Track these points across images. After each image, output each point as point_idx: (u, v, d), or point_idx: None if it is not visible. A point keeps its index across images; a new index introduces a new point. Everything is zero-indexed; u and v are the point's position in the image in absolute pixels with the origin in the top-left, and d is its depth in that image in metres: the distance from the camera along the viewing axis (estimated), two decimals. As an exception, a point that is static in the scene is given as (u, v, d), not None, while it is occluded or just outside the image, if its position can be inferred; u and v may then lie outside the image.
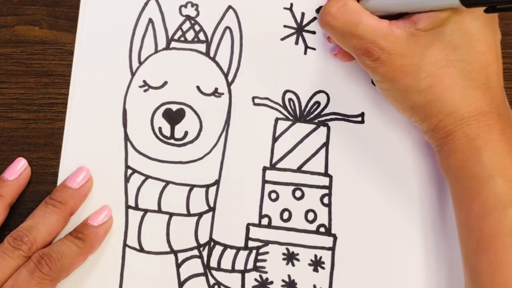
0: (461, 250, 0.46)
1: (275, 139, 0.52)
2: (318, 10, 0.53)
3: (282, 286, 0.50)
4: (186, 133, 0.52)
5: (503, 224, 0.43)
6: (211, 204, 0.51)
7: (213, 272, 0.50)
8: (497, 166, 0.44)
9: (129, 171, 0.51)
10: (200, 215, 0.51)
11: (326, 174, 0.52)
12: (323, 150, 0.52)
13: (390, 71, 0.45)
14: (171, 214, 0.51)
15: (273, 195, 0.51)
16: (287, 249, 0.51)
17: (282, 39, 0.53)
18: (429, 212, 0.51)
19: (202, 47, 0.53)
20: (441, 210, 0.51)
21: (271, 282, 0.50)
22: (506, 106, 0.46)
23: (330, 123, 0.52)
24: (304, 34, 0.53)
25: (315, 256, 0.51)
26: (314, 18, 0.53)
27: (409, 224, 0.51)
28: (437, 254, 0.50)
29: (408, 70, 0.45)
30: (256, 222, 0.51)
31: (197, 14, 0.53)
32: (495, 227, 0.43)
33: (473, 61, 0.45)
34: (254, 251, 0.51)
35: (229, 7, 0.53)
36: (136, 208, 0.51)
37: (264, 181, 0.51)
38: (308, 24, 0.53)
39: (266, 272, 0.50)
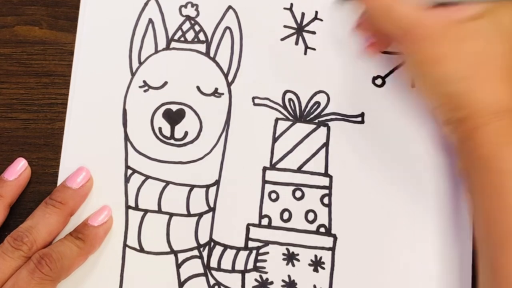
0: (479, 245, 0.46)
1: (275, 139, 0.52)
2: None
3: (282, 286, 0.50)
4: (186, 133, 0.52)
5: None
6: (211, 204, 0.51)
7: (213, 272, 0.50)
8: None
9: (129, 171, 0.51)
10: (200, 215, 0.51)
11: (326, 174, 0.52)
12: (323, 150, 0.52)
13: (428, 57, 0.45)
14: (171, 214, 0.51)
15: (273, 195, 0.51)
16: (287, 249, 0.51)
17: (282, 39, 0.53)
18: (430, 212, 0.51)
19: (202, 47, 0.53)
20: (441, 210, 0.51)
21: (271, 283, 0.50)
22: None
23: (330, 123, 0.52)
24: (304, 34, 0.53)
25: (315, 256, 0.51)
26: (314, 18, 0.53)
27: (409, 224, 0.51)
28: (438, 253, 0.50)
29: (446, 59, 0.44)
30: (256, 222, 0.51)
31: (197, 14, 0.53)
32: None
33: (510, 56, 0.45)
34: (254, 251, 0.51)
35: (229, 7, 0.53)
36: (136, 208, 0.51)
37: (264, 181, 0.51)
38: (308, 24, 0.53)
39: (266, 272, 0.50)
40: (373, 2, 0.46)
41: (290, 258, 0.51)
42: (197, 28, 0.53)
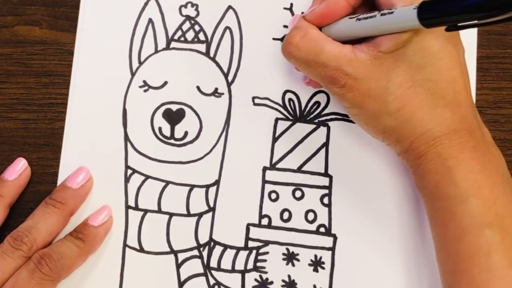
0: (439, 271, 0.46)
1: (275, 139, 0.52)
2: (282, 39, 0.52)
3: (282, 286, 0.50)
4: (186, 133, 0.52)
5: (479, 245, 0.42)
6: (211, 204, 0.51)
7: (213, 272, 0.50)
8: (470, 186, 0.43)
9: (129, 171, 0.51)
10: (200, 215, 0.51)
11: (326, 174, 0.52)
12: (323, 150, 0.52)
13: (358, 96, 0.45)
14: (171, 214, 0.51)
15: (273, 195, 0.51)
16: (287, 249, 0.51)
17: (282, 39, 0.53)
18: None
19: (202, 47, 0.53)
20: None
21: (271, 282, 0.50)
22: (478, 121, 0.46)
23: (330, 123, 0.52)
24: (304, 34, 0.53)
25: (315, 256, 0.51)
26: (314, 18, 0.53)
27: (409, 224, 0.51)
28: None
29: (375, 94, 0.44)
30: (256, 222, 0.51)
31: (197, 14, 0.53)
32: (471, 248, 0.42)
33: (438, 79, 0.44)
34: (254, 251, 0.51)
35: (229, 7, 0.53)
36: (136, 208, 0.51)
37: (264, 181, 0.51)
38: (308, 24, 0.53)
39: (266, 272, 0.50)
40: (303, 50, 0.46)
41: (290, 258, 0.51)
42: (197, 28, 0.53)
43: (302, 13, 0.51)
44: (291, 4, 0.53)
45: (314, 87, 0.51)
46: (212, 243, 0.51)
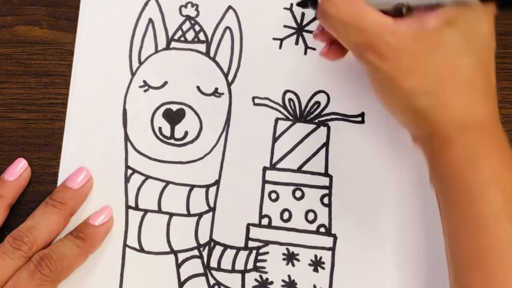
0: (449, 261, 0.45)
1: (275, 139, 0.52)
2: (300, 4, 0.48)
3: (282, 286, 0.50)
4: (186, 133, 0.52)
5: (500, 238, 0.41)
6: (211, 204, 0.51)
7: (213, 272, 0.50)
8: (495, 178, 0.42)
9: (129, 171, 0.51)
10: (200, 215, 0.51)
11: (326, 174, 0.52)
12: (323, 150, 0.52)
13: (395, 70, 0.43)
14: (171, 214, 0.51)
15: (273, 195, 0.51)
16: (287, 249, 0.51)
17: (282, 39, 0.53)
18: (430, 212, 0.51)
19: (202, 47, 0.53)
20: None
21: (271, 282, 0.50)
22: (499, 120, 0.45)
23: (330, 123, 0.52)
24: (304, 34, 0.53)
25: (315, 256, 0.51)
26: (314, 18, 0.53)
27: (410, 224, 0.51)
28: (438, 253, 0.50)
29: (414, 71, 0.43)
30: (256, 222, 0.51)
31: (197, 14, 0.53)
32: (490, 240, 0.41)
33: (478, 69, 0.43)
34: (254, 251, 0.51)
35: (229, 7, 0.53)
36: (136, 208, 0.51)
37: (264, 181, 0.51)
38: (308, 24, 0.53)
39: (266, 272, 0.50)
40: (344, 11, 0.44)
41: (290, 258, 0.51)
42: (197, 28, 0.53)
43: None
44: (291, 4, 0.53)
45: (330, 58, 0.48)
46: (212, 243, 0.51)
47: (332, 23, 0.45)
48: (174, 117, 0.52)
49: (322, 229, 0.51)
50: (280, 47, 0.53)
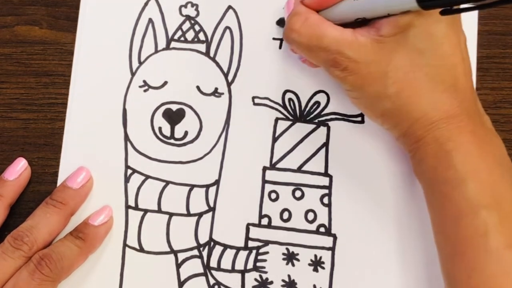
0: (438, 255, 0.46)
1: (275, 139, 0.52)
2: (278, 22, 0.53)
3: (282, 286, 0.50)
4: (186, 133, 0.52)
5: (476, 227, 0.42)
6: (211, 204, 0.51)
7: (213, 272, 0.50)
8: (468, 169, 0.43)
9: (129, 171, 0.51)
10: (200, 215, 0.51)
11: (326, 174, 0.52)
12: (323, 150, 0.52)
13: (359, 79, 0.45)
14: (171, 214, 0.51)
15: (273, 195, 0.51)
16: (287, 249, 0.51)
17: (282, 39, 0.53)
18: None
19: (202, 47, 0.53)
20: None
21: (271, 282, 0.50)
22: (477, 106, 0.46)
23: (330, 123, 0.52)
24: (304, 34, 0.53)
25: (315, 256, 0.51)
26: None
27: (409, 224, 0.51)
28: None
29: (375, 77, 0.45)
30: (256, 222, 0.51)
31: (197, 14, 0.53)
32: (468, 230, 0.42)
33: (438, 64, 0.44)
34: (254, 251, 0.51)
35: (229, 7, 0.53)
36: (136, 208, 0.51)
37: (264, 181, 0.51)
38: (308, 24, 0.53)
39: (266, 272, 0.50)
40: (305, 35, 0.46)
41: (290, 258, 0.51)
42: (197, 28, 0.53)
43: None
44: (291, 4, 0.53)
45: (309, 66, 0.51)
46: (212, 243, 0.51)
47: (296, 47, 0.48)
48: (174, 117, 0.52)
49: (322, 229, 0.51)
50: (280, 47, 0.53)
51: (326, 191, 0.51)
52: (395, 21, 0.44)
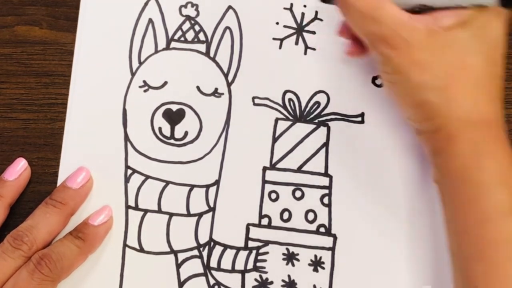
0: (452, 257, 0.45)
1: (275, 139, 0.52)
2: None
3: (282, 286, 0.50)
4: (186, 133, 0.52)
5: (503, 233, 0.42)
6: (211, 204, 0.51)
7: (213, 272, 0.50)
8: (500, 175, 0.43)
9: (129, 171, 0.51)
10: (200, 215, 0.51)
11: (326, 174, 0.52)
12: (323, 150, 0.52)
13: (406, 64, 0.44)
14: (171, 214, 0.51)
15: (273, 195, 0.51)
16: (287, 249, 0.51)
17: (282, 39, 0.53)
18: (430, 212, 0.51)
19: (202, 47, 0.53)
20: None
21: (271, 282, 0.50)
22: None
23: (330, 123, 0.52)
24: (304, 34, 0.53)
25: (315, 256, 0.51)
26: (314, 18, 0.53)
27: (410, 224, 0.51)
28: (438, 253, 0.50)
29: (425, 66, 0.44)
30: (256, 222, 0.51)
31: (197, 14, 0.53)
32: (494, 235, 0.42)
33: (488, 69, 0.44)
34: (254, 251, 0.51)
35: (229, 7, 0.53)
36: (136, 208, 0.51)
37: (264, 181, 0.51)
38: (308, 24, 0.53)
39: (266, 272, 0.50)
40: (362, 1, 0.44)
41: (290, 258, 0.51)
42: (197, 28, 0.53)
43: None
44: (291, 4, 0.53)
45: (353, 56, 0.50)
46: (212, 243, 0.51)
47: (350, 11, 0.45)
48: (174, 117, 0.52)
49: (322, 229, 0.51)
50: (280, 47, 0.53)
51: (326, 191, 0.51)
52: (457, 15, 0.43)
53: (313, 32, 0.53)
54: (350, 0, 0.45)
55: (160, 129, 0.52)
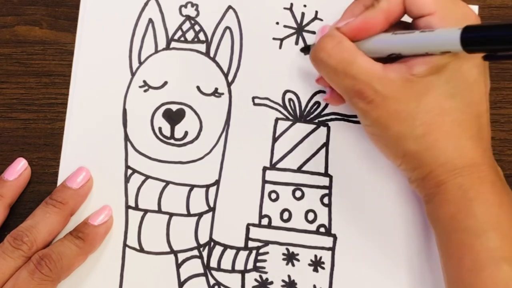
0: None
1: (275, 139, 0.52)
2: (302, 50, 0.52)
3: (282, 286, 0.50)
4: (186, 133, 0.52)
5: (497, 280, 0.41)
6: (211, 204, 0.51)
7: (213, 272, 0.50)
8: (489, 219, 0.42)
9: (129, 171, 0.51)
10: (200, 215, 0.51)
11: (326, 174, 0.52)
12: (323, 150, 0.52)
13: (383, 116, 0.44)
14: (171, 214, 0.51)
15: (273, 195, 0.51)
16: (287, 249, 0.51)
17: (282, 39, 0.53)
18: (429, 212, 0.51)
19: (202, 47, 0.53)
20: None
21: (271, 282, 0.50)
22: (493, 158, 0.45)
23: (330, 123, 0.52)
24: (304, 34, 0.53)
25: (315, 256, 0.51)
26: (314, 18, 0.53)
27: (409, 223, 0.51)
28: (435, 252, 0.50)
29: (402, 116, 0.43)
30: (256, 222, 0.51)
31: (197, 14, 0.53)
32: (488, 283, 0.42)
33: (467, 111, 0.44)
34: (254, 251, 0.51)
35: (229, 7, 0.53)
36: (136, 208, 0.51)
37: (264, 181, 0.51)
38: (308, 24, 0.53)
39: (266, 272, 0.50)
40: (335, 57, 0.44)
41: (290, 258, 0.51)
42: (197, 28, 0.53)
43: (332, 24, 0.49)
44: (291, 4, 0.53)
45: (333, 104, 0.51)
46: (212, 243, 0.51)
47: (323, 67, 0.46)
48: (174, 117, 0.52)
49: (322, 229, 0.51)
50: (280, 47, 0.53)
51: (326, 191, 0.51)
52: (431, 61, 0.42)
53: (313, 32, 0.53)
54: (322, 58, 0.45)
55: (160, 129, 0.52)
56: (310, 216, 0.51)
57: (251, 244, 0.51)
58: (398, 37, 0.43)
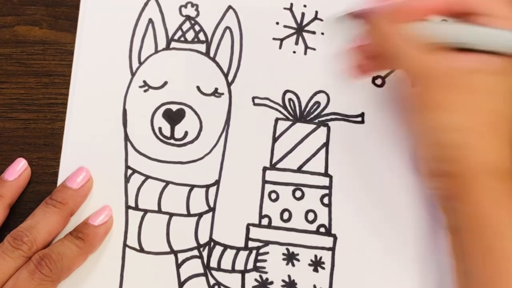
0: None
1: (275, 139, 0.52)
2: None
3: (282, 286, 0.50)
4: (186, 133, 0.52)
5: None
6: (211, 204, 0.51)
7: (213, 272, 0.50)
8: None
9: (129, 171, 0.51)
10: (200, 215, 0.51)
11: (326, 174, 0.52)
12: (323, 150, 0.52)
13: (432, 103, 0.43)
14: (171, 214, 0.51)
15: (273, 195, 0.51)
16: (287, 249, 0.51)
17: (282, 39, 0.53)
18: (430, 211, 0.51)
19: (202, 47, 0.53)
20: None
21: (271, 282, 0.50)
22: None
23: (330, 123, 0.52)
24: (304, 34, 0.53)
25: (315, 256, 0.51)
26: (314, 18, 0.53)
27: (410, 224, 0.51)
28: (437, 253, 0.50)
29: (449, 107, 0.43)
30: (256, 222, 0.51)
31: (197, 14, 0.53)
32: (510, 283, 0.41)
33: (509, 119, 0.43)
34: (254, 251, 0.51)
35: (229, 7, 0.53)
36: (136, 208, 0.51)
37: (264, 181, 0.51)
38: (308, 24, 0.53)
39: (266, 272, 0.50)
40: (386, 43, 0.44)
41: (290, 258, 0.51)
42: (197, 28, 0.53)
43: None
44: (291, 4, 0.53)
45: (360, 74, 0.49)
46: (212, 243, 0.51)
47: (386, 37, 0.44)
48: (174, 117, 0.52)
49: (322, 229, 0.51)
50: (280, 47, 0.53)
51: (326, 191, 0.51)
52: (489, 62, 0.42)
53: (313, 32, 0.53)
54: (384, 29, 0.44)
55: (160, 129, 0.52)
56: (310, 216, 0.51)
57: (251, 244, 0.51)
58: (449, 25, 0.43)
